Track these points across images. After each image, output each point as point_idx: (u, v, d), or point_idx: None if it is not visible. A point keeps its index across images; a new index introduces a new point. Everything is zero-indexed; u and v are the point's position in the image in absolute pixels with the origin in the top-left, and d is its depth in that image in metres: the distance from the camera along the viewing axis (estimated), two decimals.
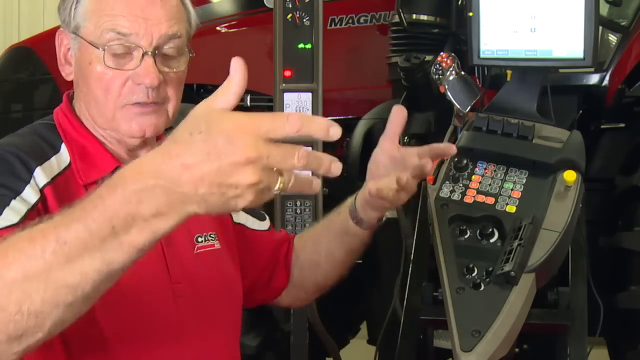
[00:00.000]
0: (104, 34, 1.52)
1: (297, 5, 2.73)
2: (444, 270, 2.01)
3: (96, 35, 1.53)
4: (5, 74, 3.83)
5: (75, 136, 1.59)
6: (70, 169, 1.55)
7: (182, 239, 1.63)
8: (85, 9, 1.55)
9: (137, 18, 1.52)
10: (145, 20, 1.53)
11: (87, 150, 1.58)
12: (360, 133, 3.22)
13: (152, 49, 1.53)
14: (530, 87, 2.35)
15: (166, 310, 1.56)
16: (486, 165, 2.19)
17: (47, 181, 1.49)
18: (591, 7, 2.22)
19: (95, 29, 1.53)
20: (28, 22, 7.19)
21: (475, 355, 1.85)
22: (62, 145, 1.58)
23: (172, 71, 1.58)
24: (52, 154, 1.55)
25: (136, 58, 1.53)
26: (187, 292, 1.59)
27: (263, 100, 3.49)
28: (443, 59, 2.32)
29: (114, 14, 1.52)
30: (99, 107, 1.57)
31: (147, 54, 1.53)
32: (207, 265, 1.66)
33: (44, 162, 1.51)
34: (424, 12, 3.13)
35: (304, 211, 2.77)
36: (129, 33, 1.52)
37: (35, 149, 1.53)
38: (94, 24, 1.54)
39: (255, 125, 1.04)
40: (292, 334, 2.90)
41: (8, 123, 3.71)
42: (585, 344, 2.30)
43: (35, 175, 1.48)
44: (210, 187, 1.04)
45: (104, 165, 1.57)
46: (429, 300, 2.27)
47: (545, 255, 1.99)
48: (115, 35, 1.52)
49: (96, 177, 1.55)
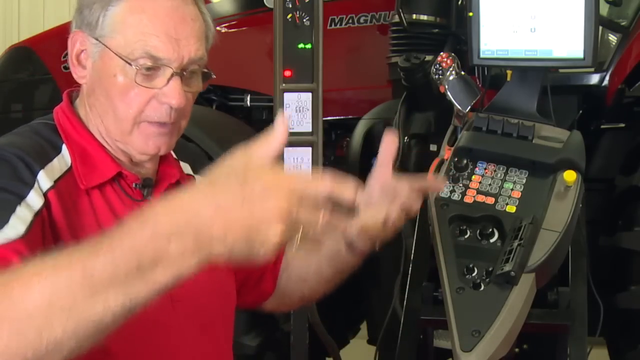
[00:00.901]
0: (135, 52, 1.50)
1: (297, 5, 2.73)
2: (444, 270, 2.01)
3: (127, 51, 1.50)
4: (5, 74, 3.83)
5: (75, 137, 1.57)
6: (71, 172, 1.53)
7: None
8: (116, 20, 1.52)
9: (170, 39, 1.51)
10: (178, 42, 1.51)
11: (87, 152, 1.57)
12: (360, 133, 3.22)
13: (180, 70, 1.53)
14: (530, 87, 2.35)
15: (164, 314, 1.55)
16: (486, 165, 2.19)
17: (50, 185, 1.47)
18: (591, 7, 2.22)
19: (126, 43, 1.51)
20: (28, 22, 7.19)
21: (475, 355, 1.86)
22: (64, 146, 1.56)
23: (192, 91, 1.58)
24: (54, 154, 1.53)
25: (163, 77, 1.52)
26: (184, 295, 1.59)
27: (263, 100, 3.49)
28: (443, 59, 2.32)
29: (148, 32, 1.50)
30: (117, 120, 1.55)
31: (176, 75, 1.52)
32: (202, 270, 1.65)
33: (46, 164, 1.49)
34: (424, 12, 3.13)
35: None
36: (162, 57, 1.51)
37: (38, 150, 1.51)
38: (125, 38, 1.51)
39: (292, 181, 1.08)
40: (292, 334, 2.90)
41: (8, 123, 3.70)
42: (585, 344, 2.31)
43: (39, 178, 1.46)
44: (238, 234, 1.07)
45: (105, 169, 1.56)
46: (429, 300, 2.27)
47: (545, 255, 1.99)
48: (146, 54, 1.50)
49: (97, 182, 1.54)
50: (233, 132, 3.28)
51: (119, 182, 1.58)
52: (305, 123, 2.73)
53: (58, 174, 1.51)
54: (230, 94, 3.56)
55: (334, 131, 3.52)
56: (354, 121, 3.34)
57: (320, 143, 2.75)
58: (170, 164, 1.68)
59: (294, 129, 2.71)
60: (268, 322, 3.05)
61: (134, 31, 1.51)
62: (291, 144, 2.72)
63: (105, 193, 1.55)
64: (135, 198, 1.58)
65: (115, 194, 1.57)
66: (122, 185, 1.58)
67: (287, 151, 2.72)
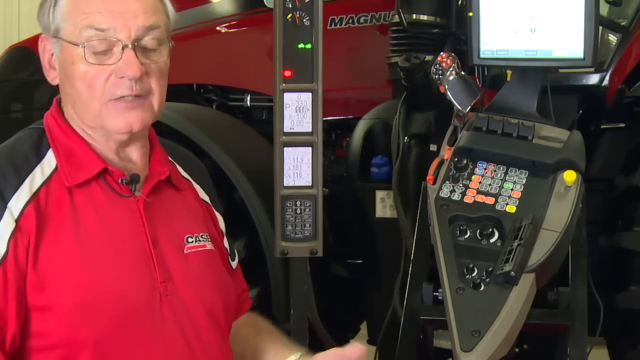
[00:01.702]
0: (82, 31, 1.54)
1: (297, 5, 2.73)
2: (444, 270, 2.01)
3: (75, 34, 1.55)
4: (5, 74, 3.82)
5: (62, 139, 1.61)
6: (57, 173, 1.57)
7: (170, 239, 1.63)
8: (63, 10, 1.57)
9: (114, 13, 1.54)
10: (122, 14, 1.55)
11: (73, 151, 1.59)
12: (360, 133, 3.22)
13: (131, 42, 1.55)
14: (530, 87, 2.35)
15: (152, 309, 1.56)
16: (486, 165, 2.19)
17: (25, 202, 1.51)
18: (591, 7, 2.22)
19: (74, 28, 1.55)
20: (28, 22, 7.18)
21: (475, 355, 1.86)
22: (49, 151, 1.59)
23: (153, 62, 1.59)
24: (36, 162, 1.57)
25: (117, 52, 1.55)
26: (174, 291, 1.59)
27: (263, 100, 3.49)
28: (443, 59, 2.32)
29: (90, 11, 1.55)
30: (84, 105, 1.58)
31: (127, 47, 1.54)
32: (196, 264, 1.65)
33: (24, 180, 1.53)
34: (424, 12, 3.13)
35: (304, 211, 2.76)
36: (106, 28, 1.54)
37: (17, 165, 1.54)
38: (72, 24, 1.56)
39: None
40: (292, 334, 2.89)
41: (8, 123, 3.71)
42: (585, 344, 2.31)
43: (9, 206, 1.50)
44: None
45: (90, 165, 1.58)
46: (429, 300, 2.27)
47: (545, 255, 1.99)
48: (94, 31, 1.54)
49: (83, 178, 1.57)
50: (233, 132, 3.28)
51: (104, 178, 1.59)
52: (305, 123, 2.72)
53: (39, 182, 1.54)
54: (230, 94, 3.55)
55: (334, 131, 3.52)
56: (354, 121, 3.34)
57: (320, 143, 2.75)
58: (160, 161, 1.69)
59: (294, 129, 2.72)
60: None
61: (78, 15, 1.55)
62: (291, 144, 2.72)
63: (90, 190, 1.58)
64: (122, 194, 1.60)
65: (100, 190, 1.59)
66: (108, 181, 1.59)
67: (287, 151, 2.72)
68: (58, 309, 1.48)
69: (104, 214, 1.56)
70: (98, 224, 1.55)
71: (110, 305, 1.50)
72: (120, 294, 1.51)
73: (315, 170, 2.75)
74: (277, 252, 2.75)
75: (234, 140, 3.17)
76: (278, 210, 2.76)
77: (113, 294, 1.51)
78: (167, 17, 1.63)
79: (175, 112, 2.96)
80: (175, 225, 1.65)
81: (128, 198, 1.59)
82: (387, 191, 3.08)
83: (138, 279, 1.55)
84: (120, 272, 1.53)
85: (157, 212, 1.62)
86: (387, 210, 3.09)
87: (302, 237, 2.75)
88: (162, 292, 1.57)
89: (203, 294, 1.64)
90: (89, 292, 1.49)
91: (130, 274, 1.54)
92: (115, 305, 1.51)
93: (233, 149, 3.04)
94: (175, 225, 1.65)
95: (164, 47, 1.61)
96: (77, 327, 1.48)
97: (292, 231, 2.75)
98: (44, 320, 1.48)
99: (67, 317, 1.48)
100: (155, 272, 1.58)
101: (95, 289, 1.50)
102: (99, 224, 1.55)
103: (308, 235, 2.75)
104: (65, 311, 1.48)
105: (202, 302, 1.63)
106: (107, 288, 1.51)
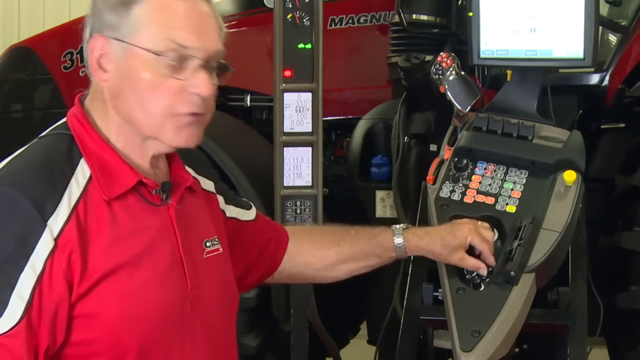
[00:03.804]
0: (163, 42, 1.53)
1: (297, 5, 2.73)
2: (444, 270, 2.01)
3: (153, 44, 1.53)
4: (5, 74, 3.83)
5: (93, 148, 1.58)
6: (92, 183, 1.54)
7: (195, 243, 1.64)
8: (140, 18, 1.54)
9: (196, 31, 1.54)
10: (203, 34, 1.55)
11: (106, 162, 1.57)
12: (360, 133, 3.22)
13: (207, 62, 1.55)
14: (530, 87, 2.35)
15: (184, 315, 1.58)
16: (486, 165, 2.19)
17: (65, 219, 1.48)
18: (591, 7, 2.22)
19: (154, 37, 1.53)
20: (28, 22, 7.19)
21: (475, 355, 1.86)
22: (82, 160, 1.56)
23: (216, 84, 1.59)
24: (71, 174, 1.53)
25: (190, 68, 1.54)
26: (201, 296, 1.61)
27: (263, 100, 3.50)
28: (443, 59, 2.32)
29: (174, 25, 1.53)
30: (149, 115, 1.55)
31: (204, 66, 1.55)
32: (214, 269, 1.67)
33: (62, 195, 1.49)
34: (424, 12, 3.13)
35: (304, 211, 2.76)
36: (188, 46, 1.53)
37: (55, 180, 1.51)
38: (152, 33, 1.53)
39: None
40: (292, 334, 2.90)
41: (8, 123, 3.71)
42: (585, 344, 2.31)
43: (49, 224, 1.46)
44: None
45: (125, 179, 1.57)
46: (429, 300, 2.27)
47: (545, 255, 1.99)
48: (175, 45, 1.53)
49: (119, 192, 1.55)
50: (233, 132, 3.28)
51: (139, 190, 1.58)
52: (305, 123, 2.73)
53: (76, 196, 1.51)
54: (230, 94, 3.56)
55: (334, 131, 3.53)
56: (354, 121, 3.34)
57: (320, 143, 2.75)
58: (181, 167, 1.69)
59: (294, 129, 2.72)
60: (268, 322, 3.05)
61: (160, 25, 1.54)
62: (291, 144, 2.72)
63: (126, 201, 1.57)
64: (154, 203, 1.59)
65: (136, 201, 1.58)
66: (142, 192, 1.59)
67: (287, 151, 2.72)
68: (104, 317, 1.48)
69: (140, 224, 1.55)
70: (137, 234, 1.54)
71: (152, 313, 1.51)
72: (159, 302, 1.53)
73: (315, 170, 2.75)
74: None
75: (234, 140, 3.18)
76: (278, 210, 2.76)
77: (154, 302, 1.52)
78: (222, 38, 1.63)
79: None
80: (196, 230, 1.66)
81: (160, 207, 1.59)
82: (387, 191, 3.08)
83: (173, 286, 1.56)
84: (158, 280, 1.54)
85: (183, 219, 1.63)
86: (387, 210, 3.10)
87: None
88: (192, 298, 1.58)
89: (221, 298, 1.66)
90: (133, 301, 1.50)
91: (166, 281, 1.55)
92: (156, 313, 1.52)
93: (233, 149, 3.05)
94: (196, 230, 1.66)
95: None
96: (122, 335, 1.49)
97: None
98: (90, 328, 1.48)
99: (113, 325, 1.48)
100: (186, 278, 1.59)
101: (138, 297, 1.51)
102: (139, 235, 1.55)
103: None
104: (112, 320, 1.48)
105: (219, 306, 1.65)
106: (149, 297, 1.52)
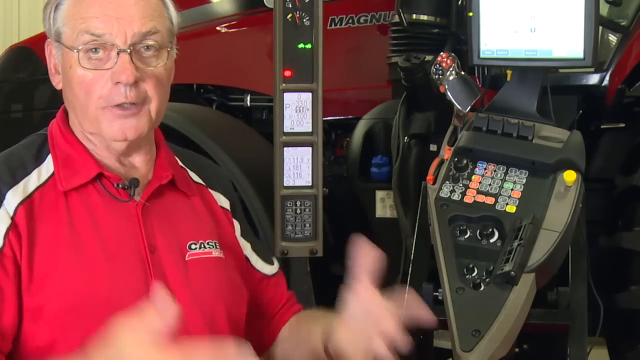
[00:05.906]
0: (79, 36, 1.54)
1: (297, 5, 2.73)
2: (444, 270, 2.01)
3: (73, 38, 1.55)
4: (5, 74, 3.82)
5: (62, 145, 1.61)
6: (53, 179, 1.57)
7: (171, 245, 1.61)
8: (62, 15, 1.57)
9: (110, 18, 1.54)
10: (119, 19, 1.54)
11: (71, 157, 1.59)
12: (360, 133, 3.22)
13: (127, 47, 1.54)
14: (530, 87, 2.35)
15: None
16: (486, 165, 2.19)
17: (19, 201, 1.52)
18: (591, 7, 2.22)
19: (72, 32, 1.55)
20: (28, 22, 7.18)
21: (475, 355, 1.86)
22: (49, 157, 1.60)
23: (150, 68, 1.57)
24: (33, 167, 1.57)
25: (113, 57, 1.54)
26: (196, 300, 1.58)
27: (263, 100, 3.50)
28: (443, 59, 2.32)
29: (88, 16, 1.54)
30: (82, 110, 1.57)
31: (123, 52, 1.54)
32: (197, 272, 1.62)
33: (19, 182, 1.54)
34: (424, 12, 3.13)
35: (304, 211, 2.76)
36: (102, 33, 1.53)
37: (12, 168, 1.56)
38: (70, 28, 1.56)
39: None
40: None
41: (8, 123, 3.71)
42: (585, 344, 2.31)
43: (5, 203, 1.51)
44: None
45: (86, 170, 1.58)
46: (429, 300, 2.26)
47: (545, 255, 1.99)
48: (89, 36, 1.54)
49: (78, 183, 1.57)
50: (233, 132, 3.28)
51: (102, 182, 1.59)
52: (305, 123, 2.72)
53: (34, 186, 1.55)
54: (230, 94, 3.55)
55: (334, 131, 3.52)
56: (354, 121, 3.34)
57: (320, 143, 2.75)
58: (164, 166, 1.67)
59: (294, 129, 2.72)
60: None
61: (76, 19, 1.55)
62: (291, 144, 2.72)
63: (87, 194, 1.58)
64: (120, 198, 1.59)
65: (98, 195, 1.58)
66: (106, 185, 1.59)
67: (287, 151, 2.72)
68: (47, 311, 1.47)
69: (100, 218, 1.56)
70: (93, 228, 1.54)
71: (100, 310, 1.47)
72: (110, 300, 1.49)
73: (315, 170, 2.75)
74: (277, 252, 2.75)
75: (234, 140, 3.17)
76: (278, 210, 2.76)
77: (103, 300, 1.49)
78: (170, 21, 1.61)
79: (176, 112, 2.96)
80: (178, 231, 1.63)
81: (127, 203, 1.58)
82: (387, 191, 3.08)
83: (131, 285, 1.53)
84: (112, 277, 1.52)
85: (158, 218, 1.61)
86: (387, 210, 3.09)
87: (302, 237, 2.75)
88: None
89: (203, 302, 1.60)
90: (79, 296, 1.48)
91: (122, 279, 1.53)
92: (105, 311, 1.45)
93: (233, 149, 3.04)
94: (178, 231, 1.63)
95: (164, 52, 1.59)
96: (64, 331, 1.47)
97: (292, 231, 2.75)
98: (33, 322, 1.47)
99: (56, 320, 1.47)
100: (151, 278, 1.55)
101: (85, 293, 1.49)
102: (95, 229, 1.54)
103: (308, 235, 2.75)
104: (54, 314, 1.47)
105: (202, 311, 1.60)
106: (97, 293, 1.50)
